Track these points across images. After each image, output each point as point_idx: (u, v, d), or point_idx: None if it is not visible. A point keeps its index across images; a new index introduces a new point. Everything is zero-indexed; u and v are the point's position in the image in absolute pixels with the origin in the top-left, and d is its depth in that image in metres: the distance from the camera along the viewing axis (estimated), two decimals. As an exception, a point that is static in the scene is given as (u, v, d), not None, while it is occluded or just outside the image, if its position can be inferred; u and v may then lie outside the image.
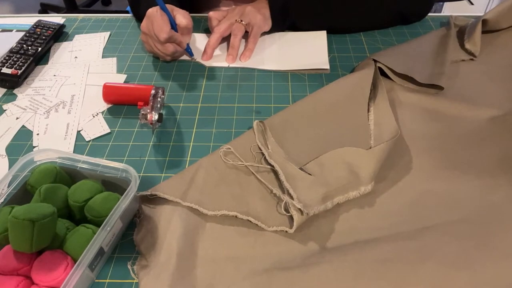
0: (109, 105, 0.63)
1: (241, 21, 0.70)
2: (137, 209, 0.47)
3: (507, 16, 0.72)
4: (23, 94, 0.65)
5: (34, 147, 0.56)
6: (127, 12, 0.88)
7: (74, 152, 0.55)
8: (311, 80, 0.66)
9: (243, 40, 0.73)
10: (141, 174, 0.52)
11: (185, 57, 0.72)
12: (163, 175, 0.52)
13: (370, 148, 0.52)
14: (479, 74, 0.65)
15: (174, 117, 0.60)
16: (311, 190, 0.46)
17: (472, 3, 1.68)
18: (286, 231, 0.44)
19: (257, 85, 0.66)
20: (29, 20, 0.82)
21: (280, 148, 0.53)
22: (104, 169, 0.46)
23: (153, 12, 0.64)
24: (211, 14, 0.73)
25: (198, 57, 0.71)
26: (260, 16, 0.71)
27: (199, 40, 0.76)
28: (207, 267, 0.42)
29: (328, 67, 0.68)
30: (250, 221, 0.45)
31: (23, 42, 0.72)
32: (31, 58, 0.69)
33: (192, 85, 0.66)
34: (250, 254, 0.43)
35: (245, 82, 0.66)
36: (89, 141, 0.57)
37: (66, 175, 0.48)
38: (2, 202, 0.44)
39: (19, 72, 0.66)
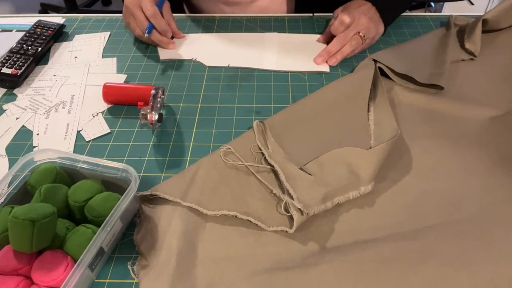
0: (109, 105, 0.63)
1: (364, 36, 0.69)
2: (137, 209, 0.47)
3: (507, 16, 0.72)
4: (23, 94, 0.65)
5: (34, 147, 0.56)
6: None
7: (74, 152, 0.55)
8: (311, 80, 0.66)
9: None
10: (141, 174, 0.52)
11: (185, 57, 0.72)
12: (163, 175, 0.52)
13: (370, 148, 0.52)
14: (479, 74, 0.65)
15: (174, 117, 0.60)
16: (311, 190, 0.46)
17: (472, 3, 1.68)
18: (286, 231, 0.44)
19: (257, 85, 0.66)
20: (29, 20, 0.82)
21: (280, 148, 0.53)
22: (104, 169, 0.46)
23: None
24: (341, 15, 0.69)
25: (198, 57, 0.71)
26: (377, 37, 0.72)
27: (201, 40, 0.75)
28: (207, 267, 0.42)
29: (328, 69, 0.68)
30: (250, 221, 0.45)
31: (23, 42, 0.72)
32: (31, 58, 0.69)
33: (192, 85, 0.66)
34: (250, 254, 0.43)
35: (245, 82, 0.66)
36: (89, 141, 0.57)
37: (66, 175, 0.48)
38: (2, 202, 0.44)
39: (19, 72, 0.66)
